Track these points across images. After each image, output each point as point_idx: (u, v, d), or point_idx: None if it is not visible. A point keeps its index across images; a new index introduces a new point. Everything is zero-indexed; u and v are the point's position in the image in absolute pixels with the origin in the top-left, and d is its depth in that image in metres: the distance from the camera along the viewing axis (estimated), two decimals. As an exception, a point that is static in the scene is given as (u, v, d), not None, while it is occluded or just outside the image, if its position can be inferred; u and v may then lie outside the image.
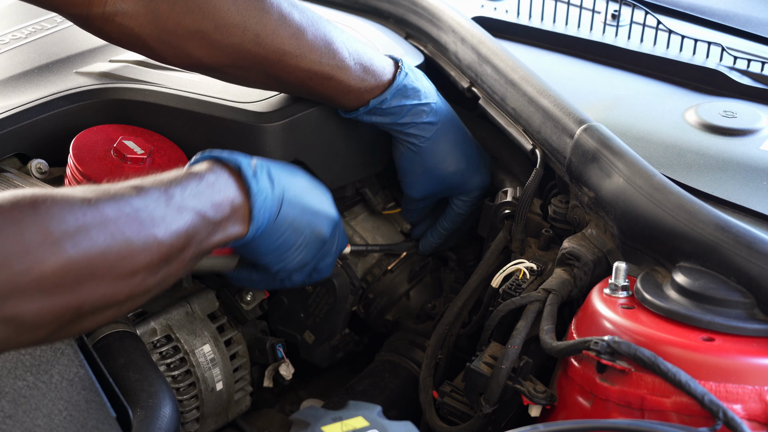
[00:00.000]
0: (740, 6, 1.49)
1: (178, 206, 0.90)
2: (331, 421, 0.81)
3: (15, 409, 0.90)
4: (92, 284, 0.81)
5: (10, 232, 0.75)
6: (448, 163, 1.23)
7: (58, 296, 0.78)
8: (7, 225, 0.75)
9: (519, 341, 0.98)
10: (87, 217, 0.80)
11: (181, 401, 1.16)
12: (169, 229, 0.88)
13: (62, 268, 0.78)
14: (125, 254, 0.83)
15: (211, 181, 0.95)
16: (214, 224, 0.94)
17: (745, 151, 1.11)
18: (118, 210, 0.84)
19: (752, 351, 0.85)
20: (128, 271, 0.84)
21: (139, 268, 0.85)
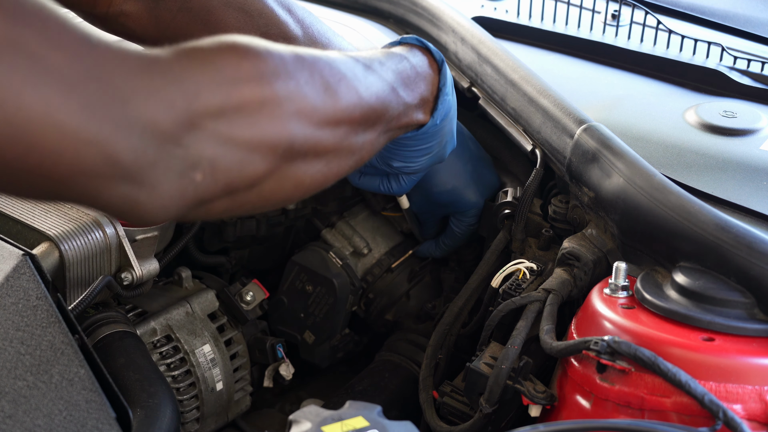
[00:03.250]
0: (740, 6, 1.49)
1: (378, 75, 0.92)
2: (331, 421, 0.81)
3: (15, 409, 0.90)
4: (297, 121, 0.80)
5: (204, 64, 0.74)
6: (435, 182, 1.22)
7: (266, 124, 0.77)
8: (200, 58, 0.74)
9: (519, 341, 0.98)
10: (289, 60, 0.80)
11: (181, 401, 1.16)
12: (369, 90, 0.89)
13: (264, 98, 0.76)
14: (327, 99, 0.83)
15: (412, 64, 0.98)
16: (405, 105, 0.96)
17: (745, 151, 1.11)
18: (321, 61, 0.84)
19: (752, 351, 0.85)
20: (331, 117, 0.84)
21: (342, 118, 0.85)
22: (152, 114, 0.69)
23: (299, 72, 0.80)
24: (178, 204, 0.74)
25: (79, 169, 0.68)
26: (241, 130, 0.75)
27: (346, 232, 1.35)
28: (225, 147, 0.74)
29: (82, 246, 1.05)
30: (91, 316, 1.09)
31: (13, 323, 0.93)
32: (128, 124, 0.68)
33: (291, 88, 0.79)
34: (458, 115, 1.31)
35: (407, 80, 0.97)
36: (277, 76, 0.78)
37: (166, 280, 1.24)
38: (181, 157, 0.72)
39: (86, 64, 0.67)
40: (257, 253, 1.41)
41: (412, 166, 1.11)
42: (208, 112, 0.72)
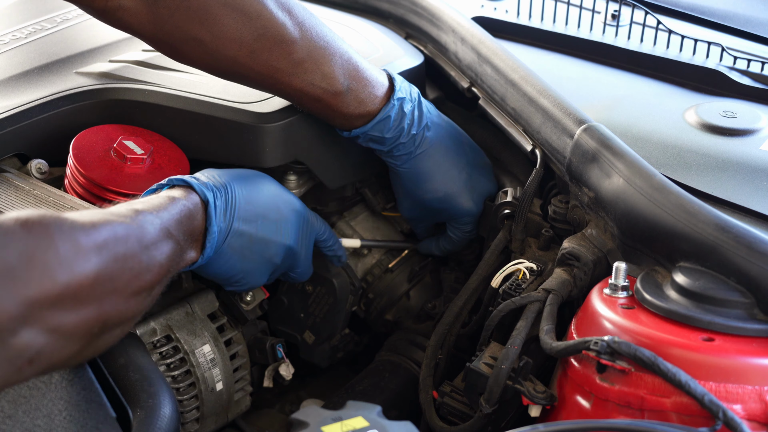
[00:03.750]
0: (740, 6, 1.49)
1: (167, 232, 0.95)
2: (331, 421, 0.81)
3: (15, 409, 0.90)
4: (113, 298, 0.86)
5: (45, 244, 0.79)
6: (426, 189, 1.22)
7: (90, 308, 0.83)
8: (40, 238, 0.79)
9: (519, 341, 0.98)
10: (104, 234, 0.85)
11: (181, 401, 1.16)
12: (163, 253, 0.94)
13: (93, 279, 0.82)
14: (137, 272, 0.89)
15: (187, 210, 1.00)
16: (182, 248, 1.00)
17: (745, 151, 1.11)
18: (128, 230, 0.89)
19: (752, 351, 0.85)
20: (138, 288, 0.89)
21: (144, 287, 0.91)
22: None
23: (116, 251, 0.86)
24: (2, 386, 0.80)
25: None
26: (67, 317, 0.81)
27: (346, 232, 1.35)
28: (51, 336, 0.79)
29: (82, 246, 1.05)
30: (90, 317, 1.09)
31: (13, 323, 0.92)
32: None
33: (111, 268, 0.85)
34: (459, 117, 1.31)
35: (186, 228, 1.00)
36: (101, 256, 0.83)
37: (166, 280, 1.24)
38: (13, 347, 0.77)
39: None
40: (257, 253, 1.41)
41: (240, 285, 1.14)
42: (43, 302, 0.78)
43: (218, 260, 1.08)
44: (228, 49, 1.07)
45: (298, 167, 1.26)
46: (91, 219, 0.86)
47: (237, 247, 1.08)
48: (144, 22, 1.05)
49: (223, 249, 1.07)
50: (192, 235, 1.01)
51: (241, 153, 1.20)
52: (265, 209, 1.11)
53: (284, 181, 1.27)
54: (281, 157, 1.21)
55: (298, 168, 1.26)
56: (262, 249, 1.11)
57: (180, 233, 0.98)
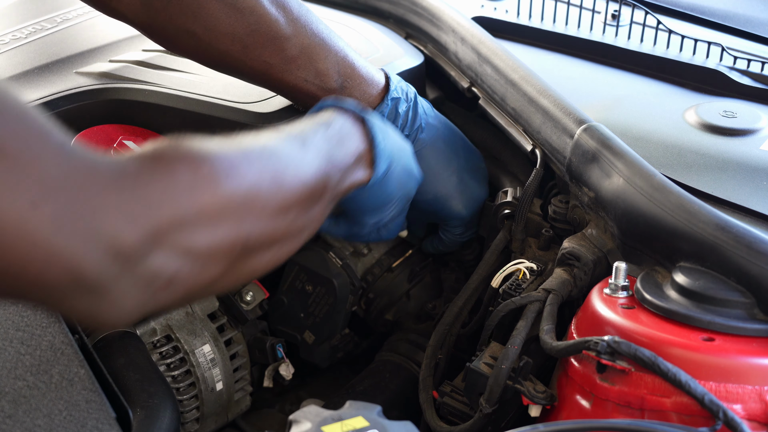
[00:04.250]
0: (740, 6, 1.49)
1: (315, 149, 0.93)
2: (331, 420, 0.81)
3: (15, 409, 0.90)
4: (252, 218, 0.82)
5: (163, 174, 0.75)
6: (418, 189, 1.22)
7: (223, 228, 0.79)
8: (159, 168, 0.75)
9: (519, 341, 0.98)
10: (233, 158, 0.81)
11: (181, 401, 1.16)
12: (310, 169, 0.91)
13: (222, 202, 0.79)
14: (276, 190, 0.85)
15: (338, 128, 0.99)
16: (343, 170, 0.97)
17: (745, 151, 1.11)
18: (262, 152, 0.86)
19: (752, 351, 0.85)
20: (282, 206, 0.86)
21: (291, 204, 0.87)
22: (118, 230, 0.70)
23: (248, 170, 0.82)
24: (138, 312, 0.76)
25: (44, 280, 0.69)
26: (200, 239, 0.77)
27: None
28: (185, 259, 0.76)
29: (82, 246, 1.05)
30: (91, 316, 1.09)
31: (13, 323, 0.93)
32: (94, 240, 0.69)
33: (243, 187, 0.81)
34: (459, 117, 1.31)
35: (339, 145, 0.98)
36: (229, 178, 0.80)
37: (166, 280, 1.24)
38: (144, 271, 0.73)
39: (60, 175, 0.68)
40: (257, 253, 1.41)
41: (384, 217, 1.12)
42: (170, 225, 0.74)
43: (383, 184, 1.06)
44: (221, 43, 1.08)
45: None
46: (225, 143, 0.83)
47: (394, 172, 1.07)
48: (138, 13, 1.06)
49: (389, 173, 1.05)
50: (347, 151, 0.99)
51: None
52: (402, 143, 1.11)
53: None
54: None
55: (298, 168, 1.26)
56: (407, 179, 1.11)
57: (339, 151, 0.97)
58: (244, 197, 0.81)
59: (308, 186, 0.90)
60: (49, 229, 0.66)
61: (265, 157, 0.86)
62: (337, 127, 0.99)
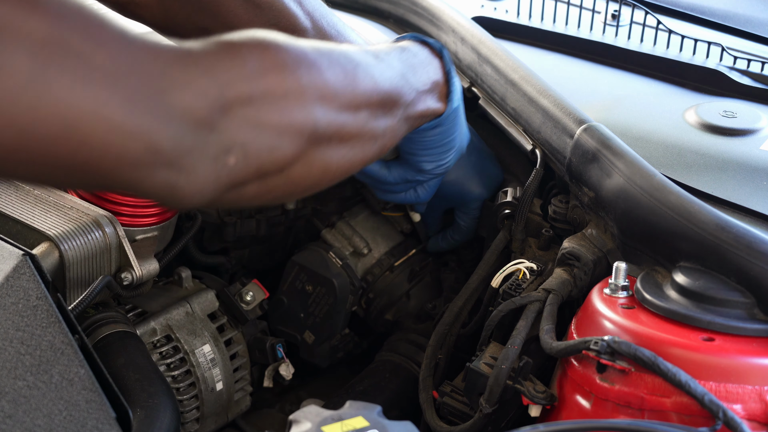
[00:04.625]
0: (740, 6, 1.49)
1: (388, 64, 0.94)
2: (331, 420, 0.81)
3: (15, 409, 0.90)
4: (322, 106, 0.83)
5: (231, 56, 0.77)
6: None
7: (292, 109, 0.80)
8: (227, 51, 0.77)
9: (519, 341, 0.98)
10: (309, 51, 0.83)
11: (181, 401, 1.16)
12: (383, 76, 0.92)
13: (291, 86, 0.80)
14: (346, 86, 0.86)
15: (415, 53, 1.00)
16: (418, 92, 0.99)
17: (745, 151, 1.11)
18: (336, 52, 0.87)
19: (752, 351, 0.85)
20: (351, 101, 0.87)
21: (361, 102, 0.88)
22: (188, 103, 0.73)
23: (318, 61, 0.83)
24: (214, 187, 0.77)
25: (125, 160, 0.71)
26: (269, 115, 0.78)
27: (346, 232, 1.35)
28: (255, 131, 0.77)
29: (82, 246, 1.05)
30: (91, 316, 1.09)
31: (13, 323, 0.93)
32: (167, 114, 0.72)
33: (312, 75, 0.82)
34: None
35: (414, 69, 0.99)
36: (299, 65, 0.81)
37: (166, 280, 1.24)
38: (215, 142, 0.75)
39: (126, 60, 0.70)
40: (257, 253, 1.41)
41: (442, 164, 1.13)
42: (238, 100, 0.76)
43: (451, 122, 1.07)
44: None
45: None
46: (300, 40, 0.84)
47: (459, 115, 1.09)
48: (155, 14, 1.06)
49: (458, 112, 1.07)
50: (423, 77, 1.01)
51: None
52: None
53: (284, 181, 1.27)
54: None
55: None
56: (465, 129, 1.13)
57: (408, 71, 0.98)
58: (313, 85, 0.82)
59: (378, 92, 0.91)
60: (123, 111, 0.69)
61: (339, 56, 0.87)
62: (415, 53, 1.01)
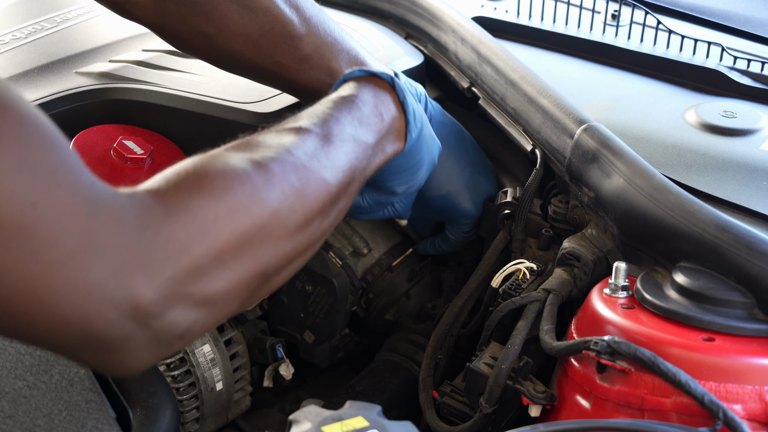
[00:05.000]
0: (740, 6, 1.49)
1: (339, 140, 0.89)
2: (331, 420, 0.81)
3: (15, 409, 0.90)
4: (270, 245, 0.78)
5: (181, 215, 0.72)
6: (429, 186, 1.22)
7: (241, 266, 0.75)
8: (178, 209, 0.73)
9: (519, 341, 0.98)
10: (255, 181, 0.78)
11: (181, 401, 1.16)
12: (335, 167, 0.86)
13: (238, 239, 0.75)
14: (297, 206, 0.81)
15: (363, 102, 0.95)
16: (374, 147, 0.95)
17: (745, 151, 1.11)
18: (283, 162, 0.81)
19: (752, 351, 0.85)
20: (303, 222, 0.82)
21: (313, 215, 0.83)
22: (134, 290, 0.69)
23: (269, 193, 0.79)
24: (152, 362, 0.74)
25: (51, 339, 0.68)
26: (218, 284, 0.74)
27: (346, 231, 1.35)
28: (203, 308, 0.74)
29: (82, 246, 1.05)
30: (91, 316, 1.09)
31: (13, 323, 0.92)
32: (109, 301, 0.67)
33: (264, 214, 0.78)
34: (459, 117, 1.31)
35: (365, 123, 0.94)
36: (249, 208, 0.76)
37: (166, 280, 1.24)
38: (160, 328, 0.71)
39: (82, 236, 0.66)
40: (257, 253, 1.41)
41: (414, 183, 1.10)
42: (187, 276, 0.72)
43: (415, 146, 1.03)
44: (233, 43, 1.08)
45: None
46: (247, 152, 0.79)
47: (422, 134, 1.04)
48: (151, 15, 1.06)
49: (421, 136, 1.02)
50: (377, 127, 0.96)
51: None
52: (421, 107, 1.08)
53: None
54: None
55: (298, 168, 1.26)
56: (432, 142, 1.09)
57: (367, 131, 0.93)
58: (264, 225, 0.77)
59: (333, 189, 0.86)
60: (61, 294, 0.65)
61: (289, 169, 0.81)
62: (364, 101, 0.96)
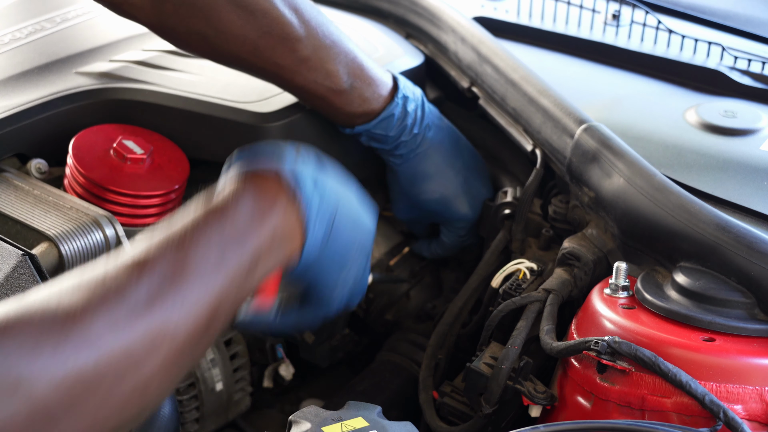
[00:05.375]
0: (740, 6, 1.49)
1: (196, 276, 0.72)
2: (331, 421, 0.81)
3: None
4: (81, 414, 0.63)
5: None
6: (423, 189, 1.22)
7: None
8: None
9: (519, 341, 0.98)
10: (70, 340, 0.63)
11: (180, 401, 1.16)
12: (187, 314, 0.70)
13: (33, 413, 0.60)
14: (124, 370, 0.65)
15: (240, 213, 0.78)
16: (250, 270, 0.77)
17: (745, 151, 1.11)
18: (113, 315, 0.65)
19: (753, 351, 0.85)
20: (132, 387, 0.66)
21: (152, 374, 0.68)
22: None
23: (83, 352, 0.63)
24: None
25: None
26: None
27: (346, 232, 1.35)
28: None
29: (82, 246, 1.05)
30: (90, 317, 1.09)
31: (12, 323, 0.92)
32: None
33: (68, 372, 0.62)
34: (457, 119, 1.31)
35: (241, 241, 0.76)
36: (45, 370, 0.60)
37: (166, 280, 1.24)
38: None
39: None
40: (257, 253, 1.41)
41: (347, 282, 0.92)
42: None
43: (329, 248, 0.86)
44: (231, 45, 1.07)
45: None
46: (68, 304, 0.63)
47: (339, 228, 0.87)
48: (149, 15, 1.06)
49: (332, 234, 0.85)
50: (260, 245, 0.78)
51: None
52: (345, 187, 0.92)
53: (284, 181, 1.27)
54: (281, 157, 1.21)
55: (298, 168, 1.26)
56: (355, 232, 0.91)
57: (235, 259, 0.75)
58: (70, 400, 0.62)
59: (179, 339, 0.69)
60: None
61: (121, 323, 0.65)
62: (240, 212, 0.78)
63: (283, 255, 0.82)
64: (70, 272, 0.68)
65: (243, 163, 0.83)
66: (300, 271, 0.86)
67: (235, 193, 0.80)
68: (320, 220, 0.85)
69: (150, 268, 0.69)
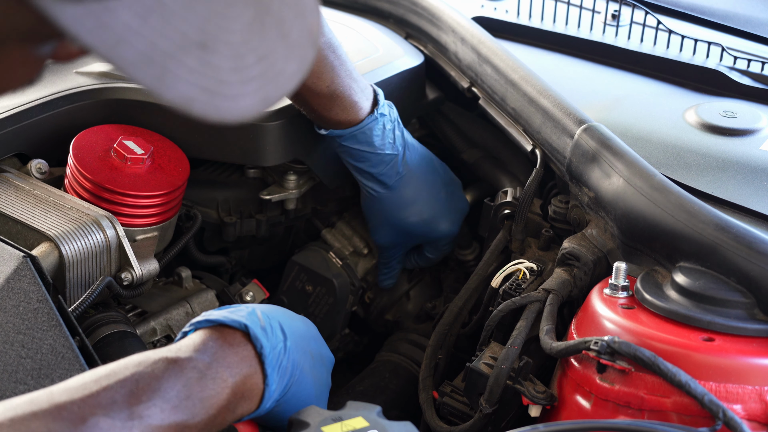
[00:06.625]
0: (740, 6, 1.49)
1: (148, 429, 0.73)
2: (331, 421, 0.81)
3: (15, 409, 0.89)
4: None
5: None
6: (409, 213, 1.22)
7: None
8: None
9: (519, 341, 0.98)
10: None
11: (181, 401, 1.16)
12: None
13: None
14: None
15: (196, 372, 0.80)
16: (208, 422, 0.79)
17: (745, 151, 1.11)
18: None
19: (752, 351, 0.85)
20: None
21: None
22: None
23: None
24: None
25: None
26: None
27: (346, 232, 1.35)
28: None
29: (82, 246, 1.05)
30: (91, 317, 1.09)
31: (13, 326, 0.92)
32: None
33: None
34: (457, 119, 1.31)
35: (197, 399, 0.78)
36: None
37: (166, 280, 1.24)
38: None
39: None
40: (257, 253, 1.41)
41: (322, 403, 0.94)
42: None
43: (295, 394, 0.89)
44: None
45: (298, 167, 1.26)
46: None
47: (304, 375, 0.90)
48: None
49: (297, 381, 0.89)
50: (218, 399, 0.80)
51: (242, 152, 1.20)
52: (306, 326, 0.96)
53: (284, 181, 1.27)
54: (281, 156, 1.21)
55: (298, 168, 1.27)
56: (320, 370, 0.95)
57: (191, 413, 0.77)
58: None
59: None
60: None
61: None
62: (197, 371, 0.79)
63: (241, 411, 0.84)
64: None
65: (205, 321, 0.86)
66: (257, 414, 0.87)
67: (201, 344, 0.83)
68: (283, 371, 0.87)
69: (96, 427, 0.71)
